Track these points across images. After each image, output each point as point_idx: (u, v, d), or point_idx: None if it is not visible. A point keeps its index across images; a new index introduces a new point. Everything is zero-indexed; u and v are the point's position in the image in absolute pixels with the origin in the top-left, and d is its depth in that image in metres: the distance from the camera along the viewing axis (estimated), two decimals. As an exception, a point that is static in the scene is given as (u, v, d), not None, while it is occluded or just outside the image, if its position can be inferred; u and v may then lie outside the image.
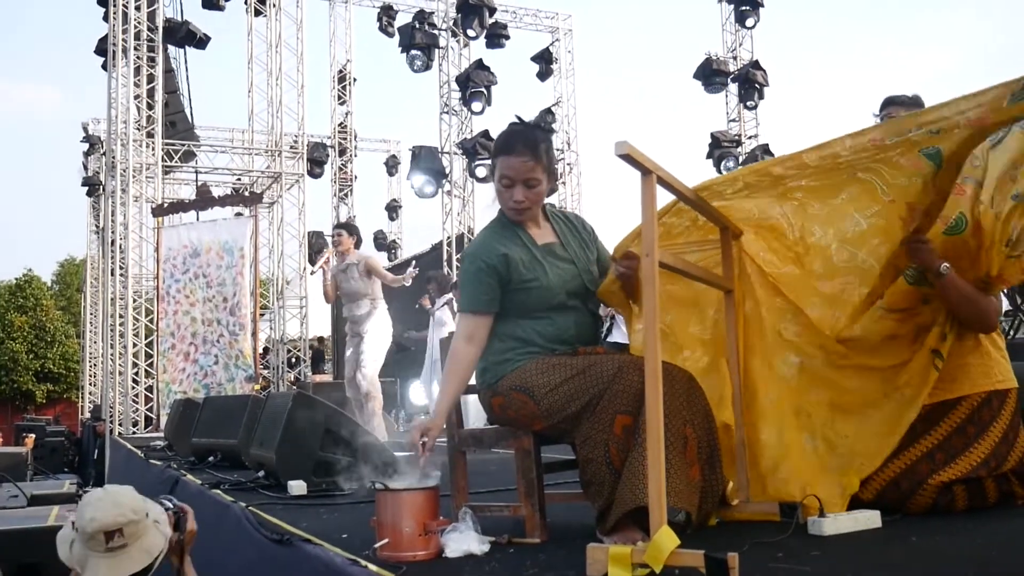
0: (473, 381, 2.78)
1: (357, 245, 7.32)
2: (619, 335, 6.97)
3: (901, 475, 2.68)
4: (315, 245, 15.65)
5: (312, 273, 9.05)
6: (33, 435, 16.16)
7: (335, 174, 19.11)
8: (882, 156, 2.36)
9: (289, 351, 13.49)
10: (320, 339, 16.67)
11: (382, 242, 21.82)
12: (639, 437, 2.25)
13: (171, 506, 2.95)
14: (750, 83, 15.27)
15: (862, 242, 2.57)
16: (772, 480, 2.75)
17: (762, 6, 15.36)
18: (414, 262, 10.12)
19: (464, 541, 2.40)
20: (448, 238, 14.83)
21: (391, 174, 21.90)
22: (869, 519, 2.51)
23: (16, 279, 40.85)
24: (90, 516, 2.54)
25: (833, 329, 2.70)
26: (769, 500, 2.71)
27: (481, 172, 14.29)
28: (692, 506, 2.34)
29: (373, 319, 7.13)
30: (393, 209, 21.96)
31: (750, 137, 15.65)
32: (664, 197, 2.43)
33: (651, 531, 2.00)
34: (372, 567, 2.27)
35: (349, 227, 7.54)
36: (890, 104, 4.30)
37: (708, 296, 2.91)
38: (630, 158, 2.03)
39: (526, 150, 2.59)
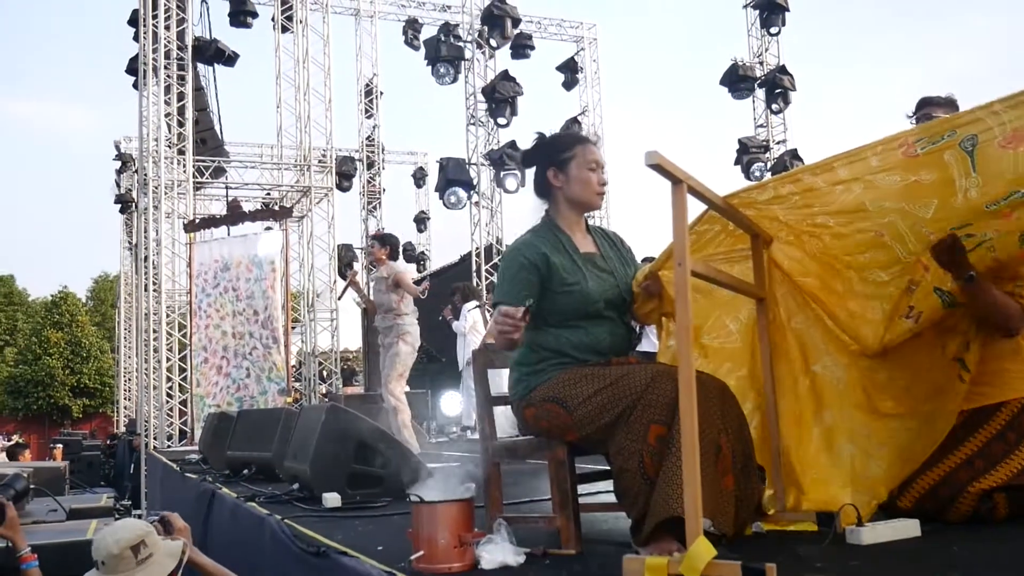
0: (505, 392, 2.78)
1: (392, 256, 7.29)
2: (647, 344, 6.95)
3: (940, 483, 2.64)
4: (345, 258, 15.75)
5: (339, 298, 9.07)
6: (61, 446, 16.36)
7: (363, 187, 19.22)
8: (908, 206, 2.29)
9: (320, 364, 13.57)
10: (347, 352, 16.75)
11: (411, 254, 21.88)
12: (674, 447, 2.24)
13: (154, 517, 3.28)
14: (777, 88, 15.18)
15: (883, 286, 2.58)
16: (806, 488, 2.73)
17: (787, 10, 15.29)
18: (427, 279, 10.15)
19: (499, 553, 2.40)
20: (477, 249, 14.85)
21: (419, 186, 22.01)
22: (908, 528, 2.48)
23: (52, 296, 41.54)
24: (113, 540, 2.85)
25: (860, 342, 2.67)
26: (806, 509, 2.69)
27: (511, 184, 14.31)
28: (724, 516, 2.32)
29: (395, 332, 7.08)
30: (421, 221, 22.05)
31: (778, 142, 15.55)
32: (693, 207, 2.43)
33: (687, 541, 2.00)
34: (408, 579, 2.28)
35: (381, 238, 7.51)
36: (926, 105, 4.25)
37: (735, 304, 2.90)
38: (660, 168, 2.03)
39: (599, 146, 2.75)
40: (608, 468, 2.83)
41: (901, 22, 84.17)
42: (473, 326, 9.84)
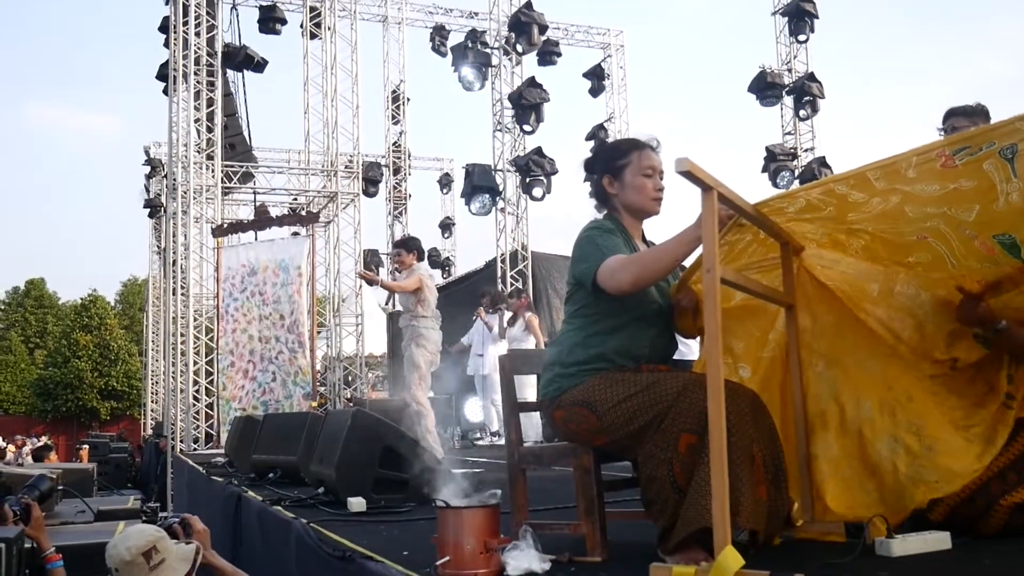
0: (528, 398, 2.77)
1: (419, 258, 7.23)
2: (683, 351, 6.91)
3: (971, 495, 2.60)
4: (370, 263, 15.82)
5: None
6: (88, 447, 16.52)
7: (389, 193, 19.33)
8: (950, 210, 2.26)
9: (346, 368, 13.63)
10: (372, 357, 16.79)
11: (436, 259, 21.96)
12: (705, 456, 2.22)
13: (176, 519, 3.35)
14: (805, 95, 15.10)
15: (926, 286, 2.55)
16: (830, 495, 2.70)
17: (816, 17, 15.21)
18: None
19: (525, 559, 2.40)
20: (502, 255, 14.87)
21: (444, 192, 22.08)
22: (939, 540, 2.44)
23: (81, 299, 42.06)
24: (125, 547, 2.91)
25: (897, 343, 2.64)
26: (833, 519, 2.66)
27: (537, 192, 14.32)
28: (760, 525, 2.30)
29: (410, 334, 6.97)
30: (447, 227, 22.12)
31: (806, 150, 15.45)
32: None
33: (715, 551, 1.98)
34: (434, 585, 2.28)
35: (407, 243, 7.46)
36: (952, 115, 4.20)
37: (763, 311, 2.87)
38: (691, 175, 2.03)
39: (658, 151, 2.73)
40: (633, 476, 2.83)
41: (931, 29, 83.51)
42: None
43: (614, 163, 2.73)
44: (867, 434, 2.65)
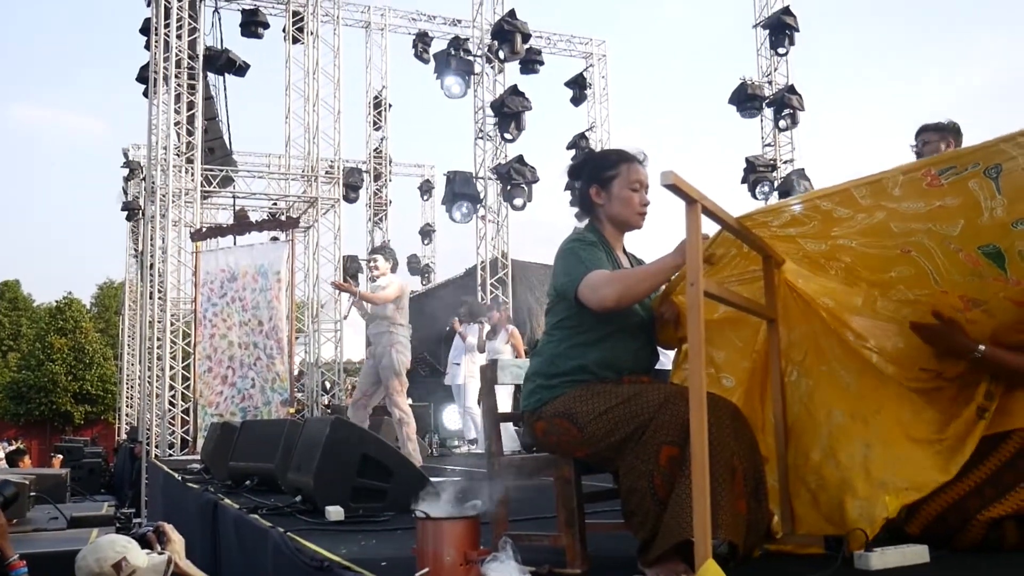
0: (507, 409, 2.76)
1: (393, 269, 7.34)
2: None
3: (948, 509, 2.62)
4: (350, 269, 15.75)
5: (345, 318, 9.11)
6: (61, 456, 16.32)
7: (370, 199, 19.27)
8: (935, 226, 2.28)
9: (323, 375, 13.56)
10: (350, 363, 16.73)
11: (415, 266, 21.94)
12: (686, 468, 2.22)
13: (150, 527, 3.25)
14: (785, 107, 15.21)
15: (908, 305, 2.57)
16: (804, 504, 2.71)
17: (797, 31, 15.33)
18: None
19: (505, 571, 2.38)
20: (482, 262, 14.86)
21: (425, 199, 22.07)
22: (917, 554, 2.46)
23: (56, 302, 41.58)
24: (95, 559, 2.84)
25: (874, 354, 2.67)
26: (808, 531, 2.67)
27: (518, 201, 14.33)
28: (740, 538, 2.30)
29: (387, 340, 7.08)
30: (427, 234, 22.10)
31: (786, 162, 15.56)
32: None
33: (696, 564, 1.98)
34: (414, 597, 2.26)
35: (383, 251, 7.55)
36: (924, 131, 4.24)
37: (745, 322, 2.88)
38: (676, 188, 2.03)
39: (646, 164, 2.72)
40: (614, 487, 2.82)
41: (914, 42, 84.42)
42: (474, 344, 9.92)
43: (602, 173, 2.71)
44: (838, 439, 2.66)
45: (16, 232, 76.45)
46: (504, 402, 7.89)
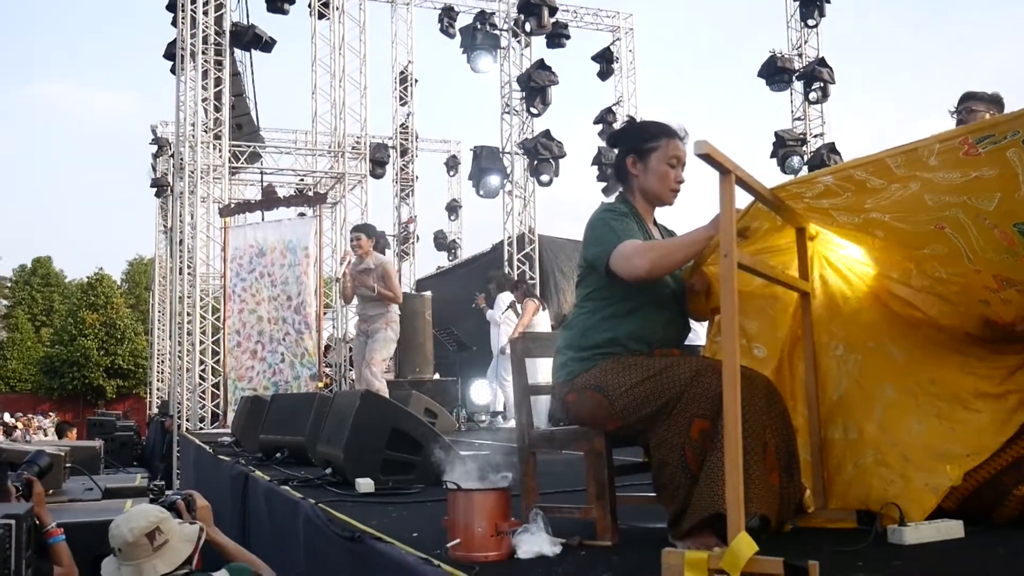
0: (545, 380, 2.76)
1: (377, 247, 7.45)
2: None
3: (984, 485, 2.59)
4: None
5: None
6: (74, 429, 16.54)
7: (396, 174, 19.28)
8: (970, 199, 2.23)
9: (351, 349, 13.63)
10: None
11: (442, 242, 21.96)
12: (717, 442, 2.21)
13: (178, 496, 3.38)
14: (815, 81, 15.00)
15: (941, 283, 2.54)
16: (849, 480, 2.69)
17: (828, 2, 15.09)
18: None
19: (535, 543, 2.39)
20: (509, 238, 14.84)
21: (451, 174, 22.05)
22: (952, 529, 2.44)
23: (88, 278, 42.13)
24: (128, 528, 2.92)
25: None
26: (847, 506, 2.65)
27: (545, 177, 14.27)
28: (772, 512, 2.29)
29: (382, 320, 7.26)
30: (453, 209, 22.09)
31: (815, 136, 15.37)
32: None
33: (728, 537, 1.97)
34: (445, 567, 2.27)
35: (368, 229, 7.64)
36: (969, 99, 4.16)
37: (780, 292, 2.86)
38: (709, 158, 2.00)
39: (686, 141, 2.67)
40: (644, 460, 2.82)
41: (944, 16, 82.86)
42: (507, 316, 9.84)
43: (642, 145, 2.68)
44: (893, 415, 2.64)
45: (48, 209, 77.45)
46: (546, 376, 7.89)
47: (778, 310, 2.86)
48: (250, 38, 13.06)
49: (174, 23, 13.02)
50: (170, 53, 13.37)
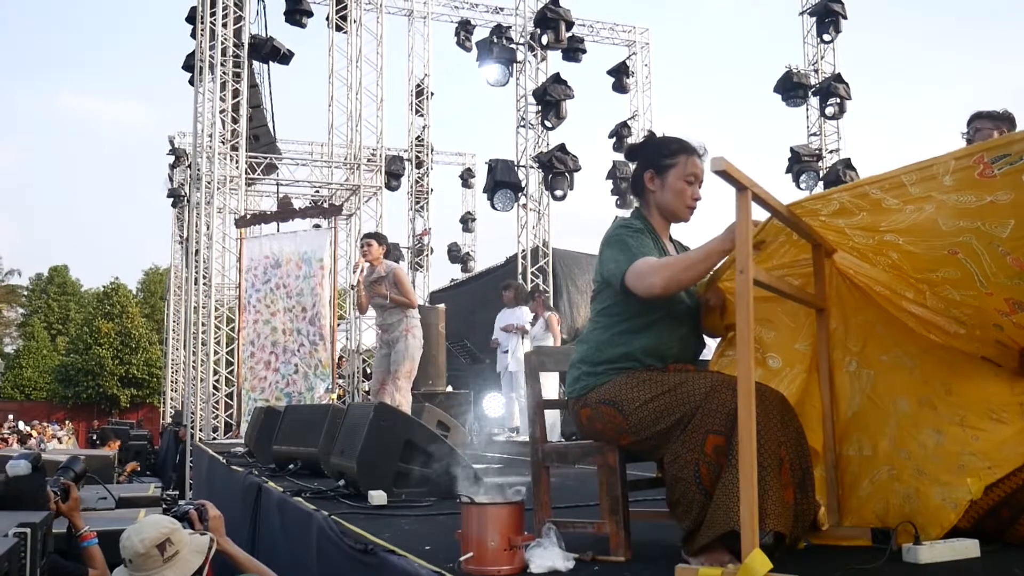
0: (553, 395, 2.76)
1: (387, 255, 7.42)
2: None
3: (1001, 503, 2.57)
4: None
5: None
6: (119, 441, 16.67)
7: (411, 187, 19.36)
8: (984, 225, 2.22)
9: (364, 361, 13.66)
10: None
11: (456, 254, 22.01)
12: (732, 458, 2.21)
13: (191, 506, 3.38)
14: (831, 96, 14.99)
15: (955, 305, 2.52)
16: (865, 497, 2.68)
17: (844, 17, 15.09)
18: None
19: (548, 557, 2.39)
20: (523, 251, 14.85)
21: (466, 187, 22.10)
22: (967, 548, 2.42)
23: (104, 287, 42.41)
24: (139, 539, 2.92)
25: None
26: (864, 523, 2.64)
27: (559, 192, 14.29)
28: (787, 529, 2.28)
29: (402, 327, 7.11)
30: (468, 222, 22.14)
31: (831, 151, 15.35)
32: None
33: (742, 554, 1.97)
34: (458, 580, 2.27)
35: (379, 236, 7.59)
36: (978, 118, 4.16)
37: (794, 304, 2.85)
38: (726, 174, 2.01)
39: (704, 159, 2.66)
40: (657, 476, 2.81)
41: (960, 32, 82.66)
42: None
43: (661, 160, 2.67)
44: (907, 429, 2.63)
45: (65, 218, 78.06)
46: (552, 391, 7.86)
47: (796, 319, 2.85)
48: (268, 50, 13.17)
49: (193, 35, 13.17)
50: (189, 65, 13.50)
